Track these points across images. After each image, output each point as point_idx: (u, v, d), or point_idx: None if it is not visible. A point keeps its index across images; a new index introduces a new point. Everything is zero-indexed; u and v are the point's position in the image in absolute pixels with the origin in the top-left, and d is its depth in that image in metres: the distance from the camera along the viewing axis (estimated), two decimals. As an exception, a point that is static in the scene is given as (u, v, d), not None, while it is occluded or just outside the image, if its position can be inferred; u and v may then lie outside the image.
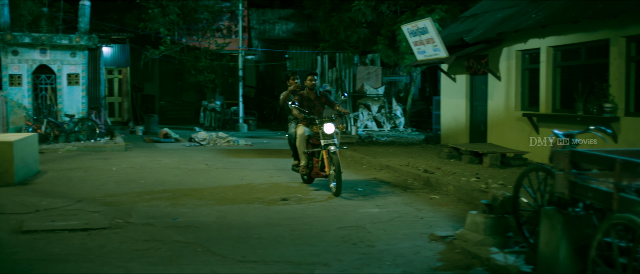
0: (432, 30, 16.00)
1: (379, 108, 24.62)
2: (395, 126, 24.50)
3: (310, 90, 10.80)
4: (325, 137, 10.08)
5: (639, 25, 10.92)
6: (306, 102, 10.71)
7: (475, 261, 6.23)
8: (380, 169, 13.33)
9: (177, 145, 18.91)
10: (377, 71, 24.97)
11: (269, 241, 7.08)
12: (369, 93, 24.42)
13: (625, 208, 4.12)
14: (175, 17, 24.89)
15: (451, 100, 18.35)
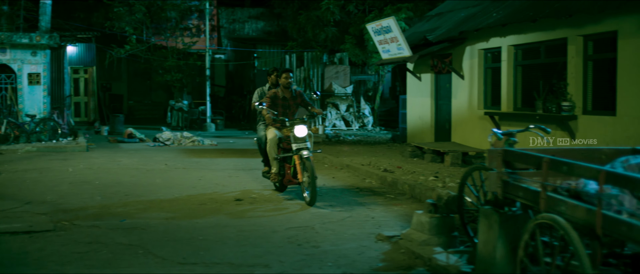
0: (396, 29, 15.98)
1: (347, 107, 24.57)
2: (363, 125, 24.47)
3: (285, 89, 9.81)
4: (297, 141, 9.16)
5: (596, 24, 10.96)
6: (280, 102, 9.72)
7: (418, 261, 6.16)
8: (340, 168, 13.26)
9: (141, 145, 18.69)
10: (345, 70, 24.92)
11: (214, 243, 6.96)
12: (337, 92, 24.37)
13: (552, 207, 4.07)
14: (141, 16, 24.60)
15: (417, 99, 18.34)
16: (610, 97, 10.89)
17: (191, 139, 19.00)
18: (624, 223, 3.38)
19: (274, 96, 9.73)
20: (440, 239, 6.51)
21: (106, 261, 6.27)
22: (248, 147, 17.58)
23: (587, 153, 5.03)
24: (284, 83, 9.78)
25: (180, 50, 26.07)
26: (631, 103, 10.25)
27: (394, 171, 11.80)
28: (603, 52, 11.20)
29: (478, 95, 15.01)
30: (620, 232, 3.40)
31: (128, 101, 30.44)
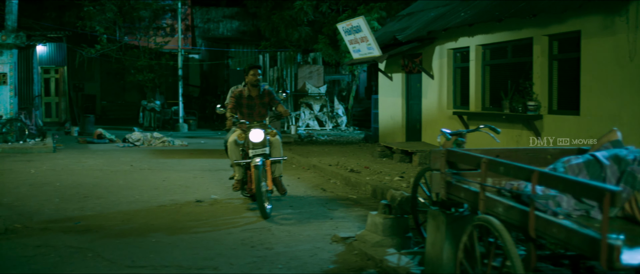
0: (366, 29, 15.92)
1: (321, 107, 24.50)
2: (337, 125, 24.41)
3: (252, 87, 8.85)
4: (253, 147, 8.34)
5: (560, 24, 10.96)
6: (245, 102, 8.81)
7: (369, 263, 6.09)
8: (307, 169, 13.18)
9: (110, 146, 18.46)
10: (319, 69, 24.84)
11: (166, 245, 6.84)
12: (311, 92, 24.28)
13: (490, 208, 4.01)
14: (112, 15, 24.32)
15: (388, 99, 18.31)
16: (575, 97, 10.90)
17: (161, 139, 18.81)
18: (554, 224, 3.32)
19: (239, 95, 8.86)
20: (394, 241, 6.44)
21: (53, 265, 6.13)
22: (219, 147, 17.38)
23: (534, 153, 4.99)
24: (252, 80, 8.80)
25: (153, 50, 25.82)
26: (594, 102, 10.26)
27: (361, 172, 11.74)
28: (567, 52, 11.21)
29: (447, 95, 15.00)
30: (551, 234, 3.34)
31: (101, 101, 30.13)
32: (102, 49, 24.39)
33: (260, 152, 8.34)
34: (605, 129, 9.90)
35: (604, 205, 2.94)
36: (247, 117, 8.74)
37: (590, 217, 3.95)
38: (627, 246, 3.29)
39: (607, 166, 3.96)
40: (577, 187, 3.19)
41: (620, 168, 3.91)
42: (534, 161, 4.94)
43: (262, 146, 8.37)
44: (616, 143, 4.44)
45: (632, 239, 3.41)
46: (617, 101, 9.78)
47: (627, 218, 3.89)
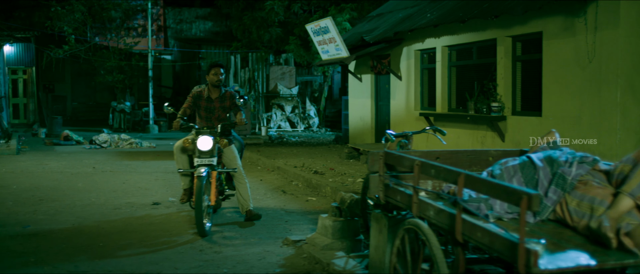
0: (333, 30, 15.84)
1: (292, 108, 24.39)
2: (309, 126, 24.32)
3: (213, 87, 8.07)
4: (200, 155, 7.53)
5: (523, 25, 10.96)
6: (204, 104, 8.04)
7: (317, 267, 6.00)
8: (271, 170, 13.07)
9: (77, 148, 18.21)
10: (291, 70, 24.74)
11: (114, 249, 6.69)
12: (283, 93, 24.16)
13: (422, 211, 3.94)
14: (80, 16, 24.00)
15: (358, 100, 18.25)
16: (537, 98, 10.91)
17: (129, 141, 18.59)
18: (479, 228, 3.25)
19: (197, 95, 8.06)
20: (344, 244, 6.36)
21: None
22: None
23: (475, 155, 4.93)
24: (212, 80, 8.00)
25: (123, 50, 25.52)
26: (555, 103, 10.26)
27: (325, 173, 11.65)
28: (530, 53, 11.21)
29: (415, 96, 14.97)
30: (477, 238, 3.27)
31: (72, 103, 29.74)
32: (70, 49, 24.05)
33: (206, 162, 7.52)
34: (567, 130, 9.96)
35: (521, 209, 2.87)
36: (204, 121, 8.03)
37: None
38: (549, 250, 3.22)
39: (541, 168, 3.89)
40: (498, 190, 3.12)
41: (553, 170, 3.85)
42: (475, 163, 4.89)
43: (209, 155, 7.53)
44: (553, 144, 4.39)
45: (556, 244, 3.35)
46: (577, 102, 9.79)
47: (558, 221, 3.83)
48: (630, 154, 3.65)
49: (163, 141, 20.80)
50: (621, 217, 3.33)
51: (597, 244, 3.34)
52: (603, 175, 3.77)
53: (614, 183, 3.64)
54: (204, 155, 7.52)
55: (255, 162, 14.35)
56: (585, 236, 3.50)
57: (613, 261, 3.07)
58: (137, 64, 25.85)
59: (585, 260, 3.04)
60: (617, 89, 9.06)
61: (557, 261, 3.01)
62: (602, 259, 3.07)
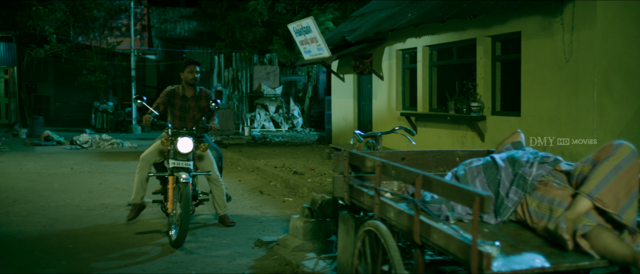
0: (315, 30, 15.79)
1: (276, 108, 24.31)
2: (293, 126, 24.25)
3: (188, 86, 7.58)
4: (177, 157, 7.05)
5: (502, 25, 10.95)
6: (179, 103, 7.57)
7: (287, 268, 5.93)
8: (251, 171, 12.99)
9: (57, 148, 18.05)
10: (275, 70, 24.65)
11: (82, 251, 6.60)
12: (267, 93, 24.08)
13: (383, 213, 3.88)
14: (62, 15, 23.78)
15: (341, 100, 18.22)
16: (517, 98, 10.90)
17: (110, 141, 18.45)
18: (435, 230, 3.19)
19: (171, 93, 7.58)
20: (315, 245, 6.30)
21: (-45, 274, 5.87)
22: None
23: (441, 155, 4.88)
24: (187, 78, 7.52)
25: (105, 50, 25.32)
26: (533, 103, 10.25)
27: (305, 174, 11.59)
28: (510, 53, 11.20)
29: (396, 96, 14.95)
30: (433, 240, 3.22)
31: (55, 103, 29.48)
32: (52, 49, 23.83)
33: (183, 165, 7.02)
34: (545, 130, 9.95)
35: (474, 210, 2.82)
36: (178, 121, 7.55)
37: (483, 221, 3.85)
38: (505, 252, 3.18)
39: (503, 168, 3.85)
40: (452, 192, 3.07)
41: (514, 170, 3.80)
42: (442, 164, 4.84)
43: (186, 158, 7.05)
44: (517, 144, 4.35)
45: (513, 246, 3.30)
46: (555, 102, 9.78)
47: (519, 222, 3.79)
48: (590, 155, 3.61)
49: (145, 141, 20.63)
50: (579, 218, 3.29)
51: (555, 246, 3.30)
52: (564, 176, 3.73)
53: (574, 184, 3.61)
54: (182, 158, 7.04)
55: (236, 162, 14.27)
56: (544, 237, 3.45)
57: (568, 263, 3.02)
58: (120, 63, 25.65)
59: (540, 262, 2.99)
60: (594, 89, 9.05)
61: (511, 264, 2.96)
62: (557, 262, 3.03)
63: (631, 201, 3.30)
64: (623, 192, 3.30)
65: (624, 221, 3.27)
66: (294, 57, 22.29)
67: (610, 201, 3.28)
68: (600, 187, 3.31)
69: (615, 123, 9.12)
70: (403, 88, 14.91)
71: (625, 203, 3.29)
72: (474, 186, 3.91)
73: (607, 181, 3.31)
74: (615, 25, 9.08)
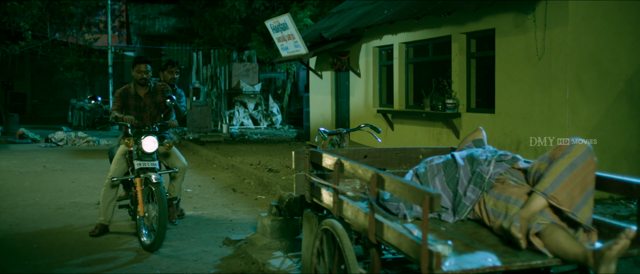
0: (292, 26, 15.71)
1: (255, 105, 24.21)
2: (272, 123, 24.16)
3: (139, 85, 7.23)
4: (142, 158, 6.86)
5: (476, 22, 10.95)
6: (133, 103, 7.23)
7: (253, 267, 5.87)
8: (225, 168, 12.90)
9: (32, 146, 17.83)
10: (254, 67, 24.55)
11: (46, 251, 6.49)
12: (246, 90, 23.97)
13: (341, 211, 3.84)
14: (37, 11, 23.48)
15: (319, 97, 18.17)
16: (491, 95, 10.91)
17: (86, 139, 18.26)
18: (389, 229, 3.15)
19: (123, 94, 7.24)
20: (283, 243, 6.24)
21: None
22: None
23: (404, 153, 4.84)
24: (136, 77, 7.17)
25: (82, 47, 25.04)
26: (507, 101, 10.26)
27: (280, 171, 11.52)
28: (484, 50, 11.20)
29: (373, 93, 14.93)
30: (387, 239, 3.17)
31: (32, 100, 29.15)
32: (27, 46, 23.52)
33: (149, 165, 6.83)
34: (518, 127, 9.96)
35: (423, 209, 2.78)
36: (136, 121, 7.18)
37: (441, 220, 3.81)
38: (458, 251, 3.14)
39: (461, 167, 3.81)
40: (404, 190, 3.02)
41: (472, 168, 3.77)
42: (405, 161, 4.80)
43: (152, 158, 6.88)
44: (479, 142, 4.32)
45: (467, 244, 3.26)
46: (528, 99, 9.79)
47: (477, 221, 3.76)
48: (546, 152, 3.58)
49: (122, 138, 20.46)
50: (534, 217, 3.26)
51: (510, 244, 3.27)
52: (522, 174, 3.70)
53: (531, 182, 3.57)
54: (147, 158, 6.85)
55: (212, 160, 14.17)
56: (500, 236, 3.42)
57: (520, 262, 2.99)
58: (97, 60, 25.39)
59: (492, 261, 2.96)
60: (566, 86, 9.07)
61: (463, 263, 2.92)
62: (509, 261, 2.99)
63: (586, 198, 3.28)
64: (578, 190, 3.27)
65: (578, 218, 3.25)
66: (273, 54, 22.21)
67: (565, 199, 3.26)
68: (555, 185, 3.28)
69: (587, 120, 9.15)
70: (380, 85, 14.89)
71: (580, 201, 3.26)
72: (433, 184, 3.88)
73: (562, 179, 3.28)
74: (587, 23, 9.09)
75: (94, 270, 5.81)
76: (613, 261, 2.84)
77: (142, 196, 6.74)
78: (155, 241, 6.39)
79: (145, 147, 6.80)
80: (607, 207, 8.14)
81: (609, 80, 9.23)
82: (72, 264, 6.01)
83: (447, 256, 2.96)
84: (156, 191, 6.48)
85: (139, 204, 6.73)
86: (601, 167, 8.84)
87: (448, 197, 3.81)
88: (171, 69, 7.79)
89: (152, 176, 6.59)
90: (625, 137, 9.34)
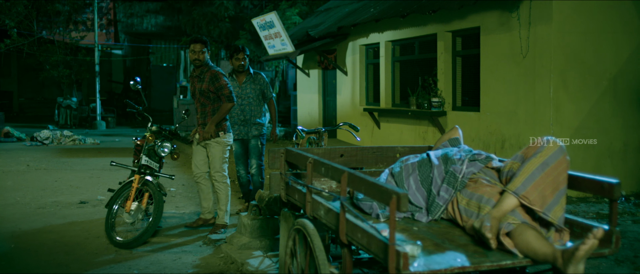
0: (278, 24, 15.61)
1: (244, 104, 24.09)
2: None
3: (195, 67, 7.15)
4: (150, 157, 6.95)
5: (462, 20, 10.93)
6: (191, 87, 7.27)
7: (232, 266, 5.82)
8: (211, 167, 12.80)
9: (17, 145, 17.68)
10: (242, 66, 24.45)
11: (23, 251, 6.41)
12: (234, 89, 23.86)
13: (315, 211, 3.79)
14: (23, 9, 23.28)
15: (306, 95, 18.12)
16: (477, 93, 10.90)
17: (72, 138, 18.13)
18: (359, 229, 3.10)
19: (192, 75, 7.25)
20: (263, 242, 6.20)
21: None
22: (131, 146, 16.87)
23: (382, 152, 4.80)
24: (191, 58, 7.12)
25: (68, 44, 24.85)
26: (492, 99, 10.25)
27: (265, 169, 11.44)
28: (470, 48, 11.18)
29: (360, 91, 14.90)
30: (357, 239, 3.13)
31: (19, 98, 28.93)
32: (13, 43, 23.31)
33: (153, 165, 6.91)
34: (504, 126, 9.95)
35: (390, 209, 2.74)
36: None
37: (414, 220, 3.78)
38: (428, 251, 3.11)
39: (436, 166, 3.77)
40: (373, 190, 2.98)
41: (446, 168, 3.73)
42: (382, 160, 4.77)
43: (157, 161, 7.00)
44: (454, 141, 4.28)
45: (438, 245, 3.23)
46: (513, 97, 9.78)
47: (451, 220, 3.72)
48: (519, 151, 3.55)
49: (109, 137, 20.35)
50: (505, 216, 3.23)
51: (481, 244, 3.23)
52: (495, 173, 3.67)
53: (504, 181, 3.54)
54: (154, 158, 6.98)
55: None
56: (472, 236, 3.39)
57: (490, 263, 2.95)
58: (84, 58, 25.21)
59: (461, 262, 2.92)
60: (550, 84, 9.06)
61: (431, 264, 2.89)
62: (478, 261, 2.96)
63: (558, 198, 3.24)
64: (550, 190, 3.24)
65: (550, 218, 3.21)
66: (261, 52, 22.10)
67: (536, 198, 3.22)
68: (526, 184, 3.25)
69: (572, 118, 9.15)
70: (367, 83, 14.87)
71: (552, 200, 3.23)
72: (408, 183, 3.84)
73: (534, 178, 3.24)
74: (571, 21, 9.09)
75: (70, 271, 5.74)
76: (581, 261, 2.81)
77: (134, 192, 6.70)
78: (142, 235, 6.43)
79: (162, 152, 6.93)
80: (591, 205, 8.14)
81: (593, 78, 9.23)
82: (51, 264, 5.94)
83: (416, 256, 2.92)
84: (154, 192, 6.59)
85: (128, 199, 6.68)
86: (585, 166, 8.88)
87: (422, 197, 3.77)
88: (237, 56, 7.72)
89: (150, 178, 6.74)
90: (609, 135, 9.35)
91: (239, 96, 7.80)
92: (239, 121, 7.82)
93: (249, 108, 7.86)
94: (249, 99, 7.87)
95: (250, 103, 7.87)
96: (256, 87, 7.93)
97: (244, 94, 7.86)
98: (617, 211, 3.17)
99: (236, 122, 7.81)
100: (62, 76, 24.77)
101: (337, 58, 15.83)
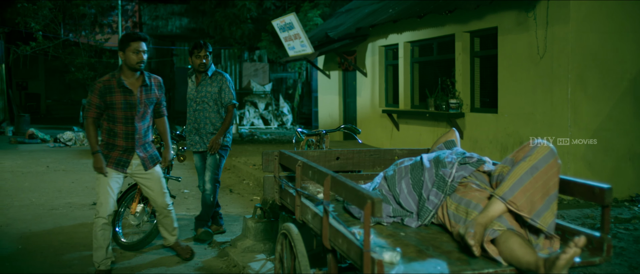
0: (297, 26, 15.60)
1: (266, 105, 24.13)
2: (283, 123, 24.07)
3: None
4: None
5: (480, 20, 10.77)
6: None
7: (234, 269, 5.77)
8: (226, 169, 12.80)
9: (41, 146, 17.89)
10: (264, 67, 24.48)
11: (30, 252, 6.43)
12: (256, 90, 23.90)
13: (303, 215, 3.72)
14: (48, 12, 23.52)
15: (327, 97, 18.06)
16: (494, 94, 10.73)
17: (94, 139, 18.24)
18: (340, 234, 3.02)
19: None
20: (266, 246, 6.14)
21: None
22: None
23: (379, 154, 4.70)
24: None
25: (93, 47, 25.07)
26: (510, 100, 10.08)
27: (281, 172, 11.42)
28: (488, 49, 11.02)
29: (379, 92, 14.79)
30: (338, 244, 3.05)
31: (46, 100, 29.30)
32: (38, 46, 23.58)
33: None
34: (521, 128, 9.77)
35: (365, 214, 2.65)
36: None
37: (404, 225, 3.68)
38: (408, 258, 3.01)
39: (427, 169, 3.67)
40: (351, 194, 2.90)
41: (437, 171, 3.62)
42: (379, 163, 4.67)
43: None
44: (450, 144, 4.17)
45: (421, 251, 3.12)
46: (530, 99, 9.60)
47: (442, 226, 3.61)
48: (509, 155, 3.43)
49: (132, 138, 20.46)
50: (492, 222, 3.11)
51: (466, 251, 3.12)
52: (486, 177, 3.55)
53: (494, 185, 3.42)
54: None
55: (215, 160, 14.08)
56: (458, 242, 3.28)
57: (471, 271, 2.83)
58: (108, 61, 25.42)
59: (440, 269, 2.82)
60: (567, 85, 8.87)
61: (410, 271, 2.79)
62: (459, 269, 2.84)
63: (548, 203, 3.11)
64: (539, 195, 3.10)
65: (538, 224, 3.08)
66: (283, 53, 22.14)
67: (524, 204, 3.09)
68: (514, 189, 3.12)
69: (590, 120, 8.94)
70: (386, 85, 14.75)
71: (542, 206, 3.10)
72: (399, 187, 3.74)
73: (522, 183, 3.12)
74: (589, 21, 8.88)
75: (74, 271, 5.74)
76: (563, 269, 2.68)
77: (139, 194, 6.57)
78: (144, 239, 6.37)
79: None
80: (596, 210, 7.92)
81: (612, 79, 9.01)
82: (55, 265, 5.95)
83: (395, 263, 2.83)
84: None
85: (134, 201, 6.55)
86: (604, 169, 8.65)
87: (413, 201, 3.67)
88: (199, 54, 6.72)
89: None
90: (629, 137, 9.12)
91: (193, 100, 6.87)
92: (192, 130, 6.88)
93: (203, 115, 6.82)
94: (203, 104, 6.80)
95: (204, 109, 6.81)
96: (214, 90, 6.78)
97: (199, 98, 6.83)
98: (610, 218, 3.03)
99: (190, 131, 6.91)
100: (87, 77, 24.98)
101: (356, 59, 15.73)
